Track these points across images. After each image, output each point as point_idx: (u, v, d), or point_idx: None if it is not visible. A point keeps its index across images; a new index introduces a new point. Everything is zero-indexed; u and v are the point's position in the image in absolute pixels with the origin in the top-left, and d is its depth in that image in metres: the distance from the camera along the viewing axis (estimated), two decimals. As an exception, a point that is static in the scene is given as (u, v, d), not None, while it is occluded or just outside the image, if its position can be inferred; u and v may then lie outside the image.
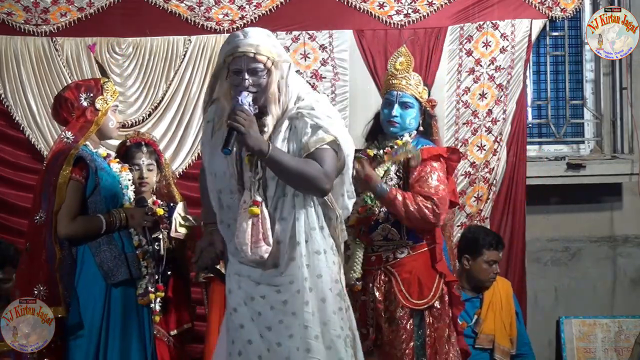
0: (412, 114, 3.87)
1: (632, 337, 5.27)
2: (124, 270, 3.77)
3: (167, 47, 5.24)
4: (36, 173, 5.12)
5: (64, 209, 3.72)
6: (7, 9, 5.17)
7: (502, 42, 5.35)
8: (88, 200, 3.77)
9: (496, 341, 4.67)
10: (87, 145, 3.82)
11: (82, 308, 3.74)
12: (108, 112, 3.86)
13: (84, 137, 3.78)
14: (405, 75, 3.87)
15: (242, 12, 5.28)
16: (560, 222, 5.65)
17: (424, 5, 5.34)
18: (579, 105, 5.71)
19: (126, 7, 5.23)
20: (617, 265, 5.66)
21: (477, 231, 4.88)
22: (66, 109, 3.86)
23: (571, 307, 5.61)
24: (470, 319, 4.66)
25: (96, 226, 3.74)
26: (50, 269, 3.69)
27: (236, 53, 2.99)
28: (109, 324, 3.76)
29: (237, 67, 3.00)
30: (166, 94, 5.23)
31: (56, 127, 5.14)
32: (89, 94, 3.83)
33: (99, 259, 3.75)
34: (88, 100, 3.83)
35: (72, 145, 3.76)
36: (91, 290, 3.76)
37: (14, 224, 5.09)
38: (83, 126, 3.81)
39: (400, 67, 3.88)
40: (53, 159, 3.80)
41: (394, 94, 3.86)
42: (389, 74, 3.92)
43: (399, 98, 3.85)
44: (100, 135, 3.90)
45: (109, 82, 3.93)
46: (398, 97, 3.85)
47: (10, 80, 5.16)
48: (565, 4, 5.42)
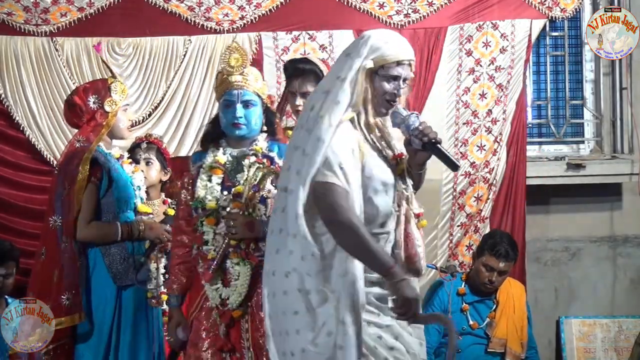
0: (256, 112, 3.54)
1: (632, 337, 5.27)
2: (132, 273, 3.79)
3: (167, 47, 5.24)
4: (36, 173, 5.14)
5: (80, 214, 3.75)
6: (7, 9, 5.16)
7: (502, 42, 5.35)
8: (101, 201, 3.79)
9: (508, 345, 4.62)
10: (100, 146, 3.84)
11: (93, 309, 3.78)
12: (118, 113, 3.87)
13: (96, 140, 3.80)
14: (242, 72, 3.53)
15: (242, 12, 5.28)
16: (560, 222, 5.65)
17: (424, 5, 5.34)
18: (578, 105, 5.71)
19: (126, 7, 5.23)
20: (617, 265, 5.67)
21: (493, 234, 4.79)
22: (76, 114, 3.88)
23: (571, 307, 5.61)
24: (482, 320, 4.65)
25: (112, 233, 3.79)
26: (72, 277, 3.72)
27: (403, 60, 2.87)
28: (119, 325, 3.79)
29: (397, 73, 2.86)
30: (166, 94, 5.23)
31: (56, 127, 5.15)
32: (97, 97, 3.85)
33: (108, 260, 3.78)
34: (97, 103, 3.84)
35: (85, 148, 3.77)
36: (102, 292, 3.79)
37: (14, 224, 5.09)
38: (94, 129, 3.83)
39: (236, 64, 3.52)
40: (66, 161, 3.83)
41: (234, 93, 3.49)
42: (223, 74, 3.54)
43: (241, 97, 3.50)
44: (111, 135, 3.92)
45: (116, 82, 3.93)
46: (239, 96, 3.49)
47: (10, 80, 5.16)
48: (565, 4, 5.42)
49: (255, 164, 3.52)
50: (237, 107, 3.48)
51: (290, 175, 2.79)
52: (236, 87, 3.50)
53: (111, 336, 3.78)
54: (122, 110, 3.91)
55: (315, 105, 2.81)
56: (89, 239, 3.78)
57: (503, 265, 4.59)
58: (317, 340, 2.75)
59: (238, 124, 3.49)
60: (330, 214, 2.71)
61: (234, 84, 3.50)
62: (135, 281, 3.82)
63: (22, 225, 5.08)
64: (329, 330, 2.74)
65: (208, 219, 3.47)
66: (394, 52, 2.84)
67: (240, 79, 3.51)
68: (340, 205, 2.70)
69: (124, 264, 3.79)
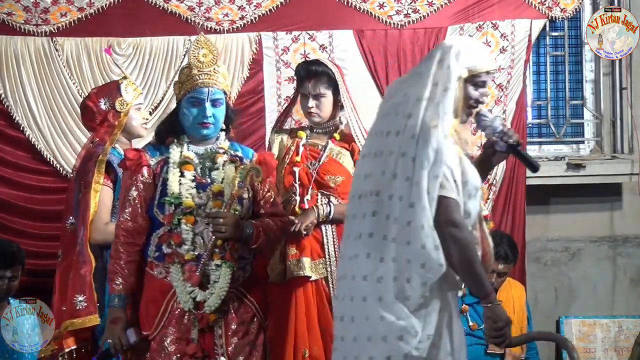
0: (223, 111, 3.45)
1: (632, 337, 5.27)
2: None
3: (167, 47, 5.24)
4: (36, 173, 5.14)
5: (95, 215, 3.76)
6: (7, 9, 5.16)
7: (502, 42, 5.35)
8: (116, 203, 3.82)
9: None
10: (115, 148, 3.86)
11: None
12: (130, 111, 3.90)
13: (109, 141, 3.83)
14: (213, 69, 3.38)
15: (242, 12, 5.27)
16: (560, 222, 5.65)
17: (424, 5, 5.34)
18: (578, 105, 5.71)
19: (126, 7, 5.23)
20: (617, 265, 5.66)
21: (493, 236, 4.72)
22: (89, 117, 3.95)
23: (571, 307, 5.61)
24: (481, 321, 4.64)
25: None
26: (87, 278, 3.73)
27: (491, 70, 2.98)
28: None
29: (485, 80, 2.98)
30: (166, 94, 5.23)
31: (56, 127, 5.15)
32: (107, 98, 3.90)
33: None
34: (108, 104, 3.88)
35: (98, 150, 3.79)
36: None
37: (14, 224, 5.08)
38: (107, 130, 3.86)
39: (205, 59, 3.37)
40: (82, 164, 3.88)
41: (203, 91, 3.35)
42: (192, 68, 3.38)
43: (210, 95, 3.36)
44: (126, 135, 3.96)
45: (126, 81, 3.97)
46: (210, 94, 3.36)
47: (10, 80, 5.15)
48: (565, 4, 5.42)
49: (229, 162, 3.42)
50: (207, 106, 3.36)
51: (398, 181, 2.80)
52: (207, 84, 3.36)
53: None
54: (135, 109, 3.95)
55: (412, 113, 2.85)
56: (104, 240, 3.80)
57: (502, 267, 4.60)
58: (420, 345, 2.80)
59: (207, 123, 3.38)
60: (451, 229, 2.77)
61: (204, 81, 3.36)
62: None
63: (22, 225, 5.08)
64: (428, 334, 2.81)
65: (187, 217, 3.32)
66: (485, 62, 2.96)
67: (210, 77, 3.37)
68: (459, 222, 2.79)
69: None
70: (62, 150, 5.13)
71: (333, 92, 4.01)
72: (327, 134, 4.08)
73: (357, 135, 4.01)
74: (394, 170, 2.82)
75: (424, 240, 2.76)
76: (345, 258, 2.94)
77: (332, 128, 4.08)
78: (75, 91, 5.13)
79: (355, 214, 2.92)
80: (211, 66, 3.39)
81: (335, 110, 4.06)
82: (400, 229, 2.78)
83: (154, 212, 3.36)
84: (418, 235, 2.76)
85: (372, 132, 3.02)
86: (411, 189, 2.77)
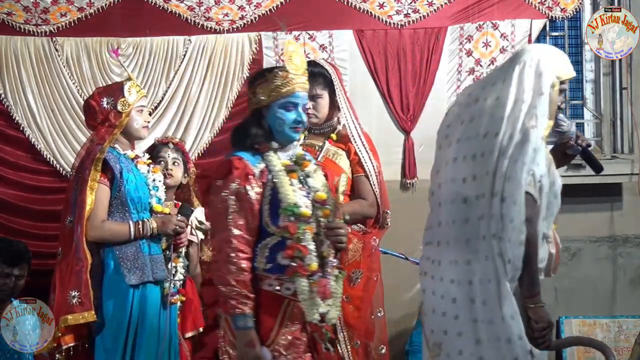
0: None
1: (632, 337, 5.27)
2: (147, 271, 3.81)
3: (167, 47, 5.24)
4: (36, 173, 5.15)
5: (92, 213, 3.78)
6: (7, 9, 5.17)
7: (502, 42, 5.35)
8: (113, 202, 3.82)
9: None
10: (115, 147, 3.88)
11: (108, 308, 3.80)
12: (132, 113, 3.92)
13: (108, 140, 3.86)
14: (304, 73, 3.28)
15: (242, 12, 5.28)
16: (560, 222, 5.62)
17: (424, 5, 5.34)
18: (579, 105, 5.71)
19: (126, 7, 5.23)
20: (617, 265, 5.66)
21: None
22: (91, 116, 3.98)
23: (571, 307, 5.60)
24: None
25: (124, 233, 3.82)
26: (83, 274, 3.73)
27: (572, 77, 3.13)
28: (135, 324, 3.81)
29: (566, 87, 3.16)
30: (166, 94, 5.23)
31: (56, 127, 5.16)
32: (110, 98, 3.93)
33: (122, 259, 3.82)
34: (110, 104, 3.90)
35: (97, 148, 3.81)
36: (117, 291, 3.81)
37: (14, 223, 5.09)
38: (108, 130, 3.89)
39: (302, 64, 3.27)
40: (80, 163, 3.90)
41: (300, 95, 3.24)
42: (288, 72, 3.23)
43: (303, 100, 3.27)
44: (127, 136, 3.98)
45: (130, 82, 3.99)
46: (303, 99, 3.27)
47: (10, 80, 5.16)
48: (565, 4, 5.43)
49: (318, 167, 3.33)
50: (300, 110, 3.24)
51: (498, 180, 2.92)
52: (303, 88, 3.25)
53: (127, 335, 3.80)
54: (137, 111, 3.96)
55: (511, 115, 2.96)
56: (101, 238, 3.82)
57: None
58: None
59: (299, 127, 3.25)
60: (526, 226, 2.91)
61: (302, 85, 3.25)
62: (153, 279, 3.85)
63: (22, 225, 5.08)
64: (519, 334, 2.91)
65: (308, 227, 3.15)
66: (570, 70, 3.11)
67: (305, 82, 3.27)
68: (531, 217, 2.94)
69: (138, 262, 3.81)
70: (62, 150, 5.13)
71: (329, 92, 4.01)
72: (324, 135, 4.08)
73: (353, 135, 4.00)
74: (494, 169, 2.93)
75: (521, 235, 2.91)
76: (446, 264, 3.03)
77: (329, 129, 4.08)
78: (75, 91, 5.14)
79: (454, 219, 3.02)
80: (304, 71, 3.29)
81: (332, 111, 4.05)
82: (502, 226, 2.90)
83: (263, 222, 3.17)
84: (517, 231, 2.90)
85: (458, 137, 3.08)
86: (512, 185, 2.89)
